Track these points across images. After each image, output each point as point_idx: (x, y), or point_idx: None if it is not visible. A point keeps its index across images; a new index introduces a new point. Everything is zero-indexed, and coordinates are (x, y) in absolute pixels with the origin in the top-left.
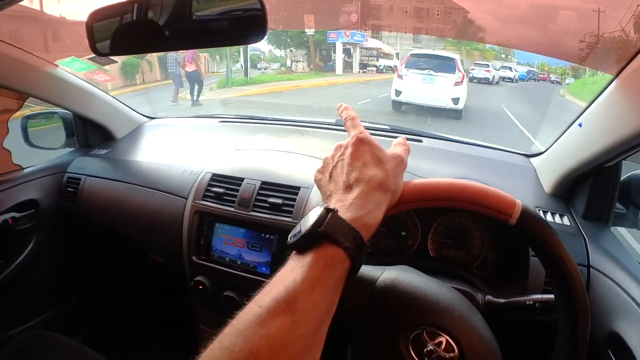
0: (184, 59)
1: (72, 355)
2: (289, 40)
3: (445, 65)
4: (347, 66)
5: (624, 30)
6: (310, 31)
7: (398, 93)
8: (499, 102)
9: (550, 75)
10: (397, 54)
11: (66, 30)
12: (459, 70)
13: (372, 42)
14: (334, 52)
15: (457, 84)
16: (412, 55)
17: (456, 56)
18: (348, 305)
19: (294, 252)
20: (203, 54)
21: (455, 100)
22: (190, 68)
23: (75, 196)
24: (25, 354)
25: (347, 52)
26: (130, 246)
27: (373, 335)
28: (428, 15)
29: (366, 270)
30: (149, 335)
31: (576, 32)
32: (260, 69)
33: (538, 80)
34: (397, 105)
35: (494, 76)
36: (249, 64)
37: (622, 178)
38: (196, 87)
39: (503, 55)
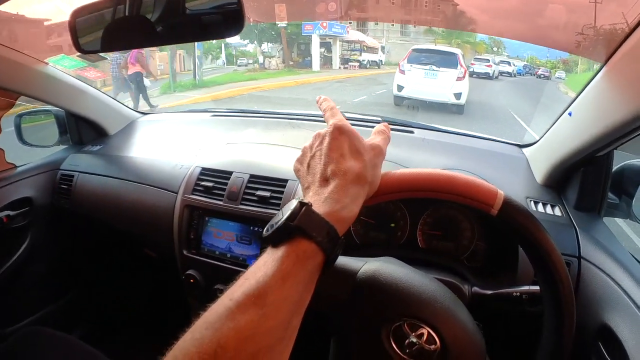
0: (126, 60)
1: (69, 352)
2: (257, 33)
3: (447, 60)
4: (327, 62)
5: (609, 21)
6: (282, 23)
7: (400, 88)
8: (502, 97)
9: (540, 69)
10: (383, 47)
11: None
12: (461, 65)
13: (353, 35)
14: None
15: (459, 79)
16: (414, 50)
17: (458, 51)
18: (329, 297)
19: (268, 245)
20: (179, 51)
21: (458, 95)
22: (133, 70)
23: (69, 193)
24: (23, 350)
25: (326, 46)
26: (124, 241)
27: (354, 327)
28: (416, 6)
29: (348, 262)
30: (146, 329)
31: (566, 21)
32: (241, 66)
33: (534, 75)
34: (399, 100)
35: (494, 71)
36: (197, 64)
37: (614, 168)
38: (139, 92)
39: (495, 49)
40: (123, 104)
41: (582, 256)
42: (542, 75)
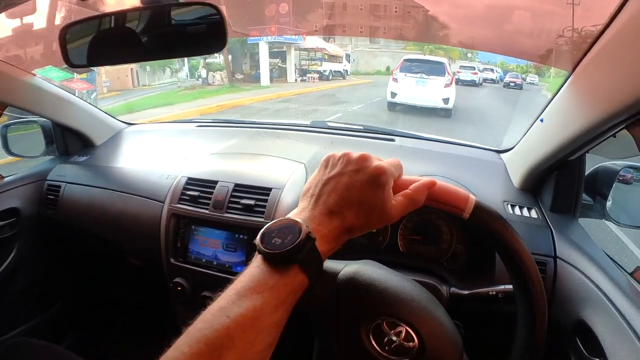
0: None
1: None
2: None
3: (435, 68)
4: (282, 74)
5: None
6: None
7: (393, 95)
8: (489, 102)
9: (510, 77)
10: (348, 55)
11: None
12: (448, 73)
13: (312, 42)
14: (270, 57)
15: (446, 85)
16: (406, 60)
17: (445, 60)
18: (311, 298)
19: (262, 258)
20: (132, 65)
21: (446, 100)
22: (81, 86)
23: (56, 203)
24: None
25: (280, 55)
26: (111, 251)
27: (335, 326)
28: (386, 12)
29: (329, 264)
30: (133, 337)
31: (534, 32)
32: (200, 79)
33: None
34: (392, 106)
35: (479, 78)
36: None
37: (588, 171)
38: None
39: (469, 55)
40: (109, 115)
41: (557, 256)
42: (512, 84)
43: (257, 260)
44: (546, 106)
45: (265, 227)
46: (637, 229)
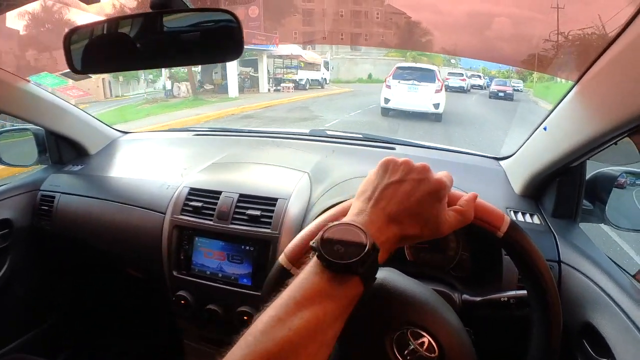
0: None
1: None
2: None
3: (426, 75)
4: (255, 83)
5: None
6: None
7: (387, 101)
8: (478, 109)
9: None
10: (327, 62)
11: None
12: (438, 80)
13: (285, 48)
14: (242, 65)
15: (437, 91)
16: (398, 67)
17: (435, 67)
18: None
19: (323, 266)
20: (104, 74)
21: (436, 105)
22: None
23: (50, 214)
24: None
25: (253, 64)
26: (109, 263)
27: (360, 331)
28: (367, 18)
29: None
30: (133, 352)
31: (516, 37)
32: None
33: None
34: (386, 111)
35: (467, 84)
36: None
37: (588, 176)
38: None
39: (453, 61)
40: (104, 123)
41: (561, 260)
42: (502, 94)
43: (316, 266)
44: (549, 114)
45: (325, 229)
46: (637, 232)
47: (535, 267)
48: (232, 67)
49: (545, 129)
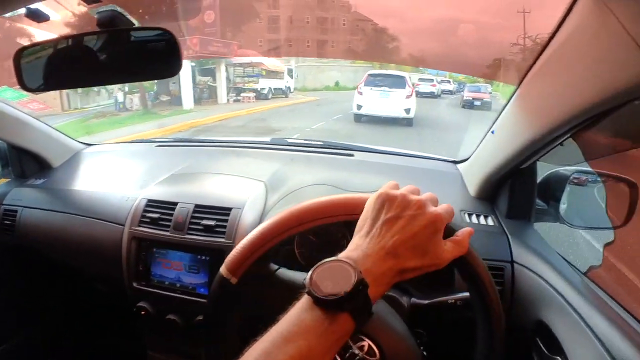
0: None
1: None
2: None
3: (397, 82)
4: (213, 94)
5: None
6: None
7: (359, 107)
8: (447, 113)
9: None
10: (291, 70)
11: None
12: (409, 85)
13: (245, 55)
14: (200, 75)
15: (407, 97)
16: (370, 75)
17: (405, 74)
18: (278, 309)
19: (312, 301)
20: None
21: (407, 110)
22: None
23: (12, 229)
24: None
25: (210, 72)
26: (73, 277)
27: None
28: (333, 25)
29: (295, 276)
30: None
31: (481, 44)
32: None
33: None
34: (358, 117)
35: (438, 89)
36: None
37: (541, 177)
38: None
39: (420, 67)
40: (67, 135)
41: (514, 260)
42: (478, 102)
43: (306, 302)
44: (497, 119)
45: (316, 266)
46: (588, 229)
47: (474, 270)
48: (186, 77)
49: (493, 132)
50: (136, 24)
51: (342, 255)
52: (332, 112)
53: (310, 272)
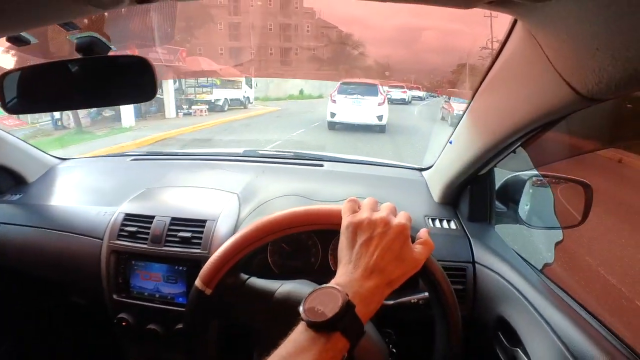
0: None
1: None
2: None
3: (369, 90)
4: (162, 107)
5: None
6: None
7: (333, 115)
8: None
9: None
10: (250, 80)
11: None
12: (381, 93)
13: (197, 63)
14: None
15: (380, 104)
16: (342, 83)
17: (377, 82)
18: (251, 314)
19: (306, 325)
20: None
21: (380, 118)
22: None
23: None
24: None
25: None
26: (50, 292)
27: (273, 340)
28: (297, 31)
29: (266, 283)
30: None
31: (443, 50)
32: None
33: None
34: (332, 125)
35: (409, 96)
36: None
37: (501, 182)
38: None
39: (387, 73)
40: (41, 150)
41: (475, 261)
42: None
43: (300, 326)
44: (454, 130)
45: (308, 295)
46: (546, 229)
47: (429, 271)
48: None
49: (451, 142)
50: (114, 49)
51: (331, 283)
52: (294, 125)
53: (303, 300)
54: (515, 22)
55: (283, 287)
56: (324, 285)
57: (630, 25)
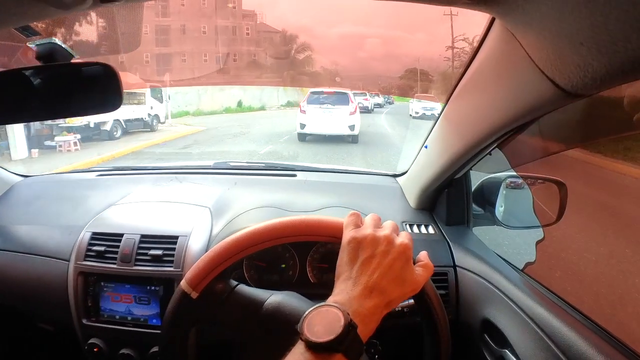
0: None
1: None
2: None
3: (340, 98)
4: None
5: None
6: None
7: (302, 126)
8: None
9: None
10: (160, 90)
11: None
12: (352, 102)
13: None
14: None
15: (351, 113)
16: (312, 92)
17: (348, 90)
18: (238, 324)
19: (306, 346)
20: None
21: (352, 127)
22: None
23: None
24: None
25: None
26: (14, 319)
27: (259, 349)
28: (235, 35)
29: (256, 292)
30: None
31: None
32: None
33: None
34: (302, 137)
35: (371, 104)
36: None
37: (477, 184)
38: None
39: (338, 79)
40: (2, 167)
41: (456, 265)
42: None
43: (300, 347)
44: (429, 134)
45: (307, 312)
46: (523, 229)
47: (427, 295)
48: None
49: (426, 147)
50: (76, 56)
51: (329, 300)
52: (219, 148)
53: (302, 319)
54: (492, 21)
55: (273, 298)
56: (323, 303)
57: (616, 19)
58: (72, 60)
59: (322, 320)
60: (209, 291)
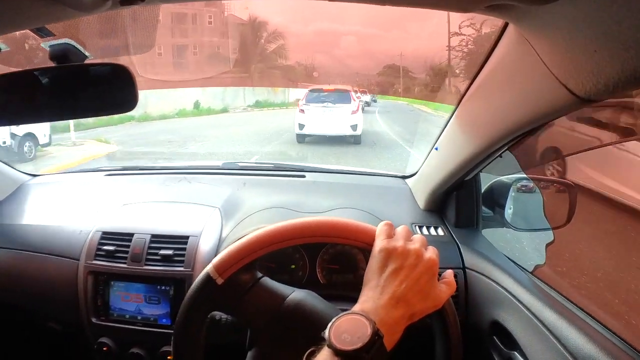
0: None
1: None
2: None
3: (341, 96)
4: None
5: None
6: None
7: (301, 126)
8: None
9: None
10: None
11: None
12: (354, 100)
13: None
14: None
15: (353, 112)
16: (311, 90)
17: (349, 88)
18: (257, 314)
19: (333, 353)
20: None
21: (354, 127)
22: None
23: None
24: None
25: None
26: (25, 318)
27: (276, 343)
28: (195, 24)
29: (279, 287)
30: None
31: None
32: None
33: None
34: (301, 138)
35: (362, 102)
36: None
37: (486, 186)
38: None
39: (316, 74)
40: (10, 166)
41: (466, 266)
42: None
43: (327, 353)
44: (439, 135)
45: (335, 319)
46: (533, 231)
47: (446, 313)
48: None
49: (437, 149)
50: (90, 57)
51: (356, 308)
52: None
53: (328, 326)
54: (505, 26)
55: (295, 295)
56: (350, 311)
57: (629, 26)
58: (86, 61)
59: (349, 329)
60: (235, 279)
